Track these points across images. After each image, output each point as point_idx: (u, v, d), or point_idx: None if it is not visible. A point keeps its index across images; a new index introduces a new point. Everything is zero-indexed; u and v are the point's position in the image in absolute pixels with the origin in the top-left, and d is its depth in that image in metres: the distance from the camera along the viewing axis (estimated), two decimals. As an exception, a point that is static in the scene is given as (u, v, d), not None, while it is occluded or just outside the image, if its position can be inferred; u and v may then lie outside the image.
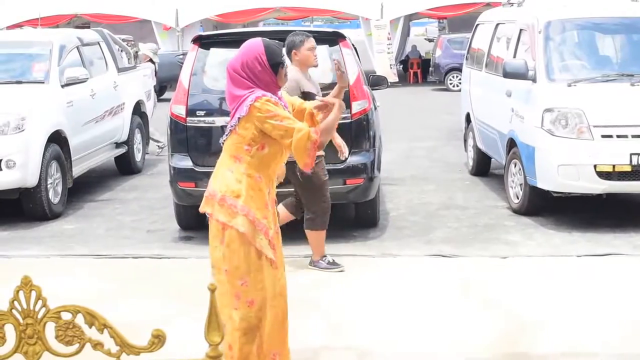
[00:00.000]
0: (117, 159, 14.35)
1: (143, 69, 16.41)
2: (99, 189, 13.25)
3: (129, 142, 14.37)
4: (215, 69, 9.77)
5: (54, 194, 11.32)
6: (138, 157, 14.88)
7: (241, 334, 5.10)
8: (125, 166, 14.56)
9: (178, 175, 9.47)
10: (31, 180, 10.78)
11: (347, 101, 9.36)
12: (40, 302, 2.62)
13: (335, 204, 10.37)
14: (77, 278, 8.40)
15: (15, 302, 2.62)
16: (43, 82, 12.04)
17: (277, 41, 5.33)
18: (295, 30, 8.84)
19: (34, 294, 2.62)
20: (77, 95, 12.41)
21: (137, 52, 18.36)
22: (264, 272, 5.11)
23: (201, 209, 5.20)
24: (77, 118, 12.27)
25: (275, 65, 5.11)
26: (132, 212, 11.49)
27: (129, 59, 16.47)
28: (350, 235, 9.89)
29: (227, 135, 5.13)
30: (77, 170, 12.25)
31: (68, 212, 11.54)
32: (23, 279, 2.62)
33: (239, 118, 5.01)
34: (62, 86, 12.11)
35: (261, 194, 5.11)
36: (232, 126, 5.06)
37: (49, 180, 11.13)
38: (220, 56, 9.77)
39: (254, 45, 5.15)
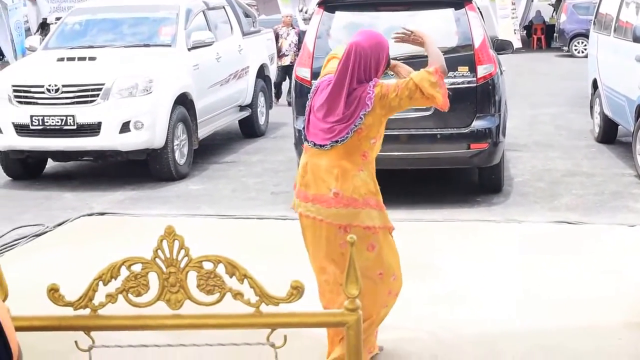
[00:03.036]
0: (241, 121, 14.54)
1: (266, 33, 16.55)
2: (223, 151, 13.47)
3: (252, 105, 14.53)
4: (339, 32, 9.78)
5: (180, 155, 11.54)
6: (262, 120, 15.05)
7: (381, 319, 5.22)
8: (249, 129, 14.74)
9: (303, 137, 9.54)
10: (158, 142, 11.02)
11: (473, 65, 9.29)
12: (182, 252, 2.69)
13: (459, 169, 10.32)
14: (203, 237, 8.55)
15: (159, 251, 2.69)
16: (170, 46, 12.27)
17: None
18: None
19: (176, 243, 2.69)
20: (203, 58, 12.59)
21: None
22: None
23: (320, 215, 4.99)
24: (203, 81, 12.46)
25: (388, 62, 5.11)
26: (256, 174, 11.65)
27: (253, 23, 16.62)
28: (473, 200, 9.83)
29: (348, 136, 4.92)
30: (203, 132, 12.47)
31: (193, 174, 11.77)
32: (167, 228, 2.69)
33: (363, 115, 4.93)
34: (189, 49, 12.30)
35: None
36: (356, 126, 4.89)
37: (176, 142, 11.36)
38: (345, 19, 9.80)
39: (383, 41, 5.07)
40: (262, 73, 15.22)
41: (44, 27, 31.39)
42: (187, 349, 3.05)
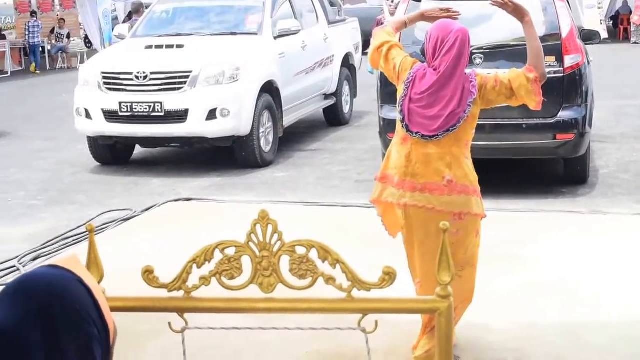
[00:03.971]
0: (326, 110, 14.58)
1: (352, 22, 16.55)
2: (307, 139, 13.53)
3: (337, 93, 14.56)
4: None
5: (265, 142, 11.63)
6: (346, 108, 15.06)
7: None
8: (333, 117, 14.78)
9: (388, 126, 9.54)
10: (244, 129, 11.11)
11: (560, 54, 9.19)
12: (276, 236, 2.72)
13: (544, 159, 10.21)
14: (287, 224, 8.60)
15: (252, 235, 2.73)
16: (256, 34, 12.35)
17: None
18: None
19: (270, 227, 2.72)
20: (289, 46, 12.65)
21: None
22: None
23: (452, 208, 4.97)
24: (289, 69, 12.52)
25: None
26: (340, 163, 11.68)
27: (338, 12, 16.63)
28: (558, 191, 9.72)
29: (459, 124, 4.95)
30: (288, 120, 12.54)
31: (278, 161, 11.86)
32: (260, 212, 2.72)
33: (470, 103, 4.96)
34: (275, 38, 12.38)
35: None
36: (465, 114, 4.94)
37: (261, 129, 11.45)
38: (431, 7, 9.75)
39: (467, 32, 5.09)
40: (347, 62, 15.23)
41: (130, 17, 31.89)
42: (276, 332, 3.08)
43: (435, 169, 4.94)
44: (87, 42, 31.48)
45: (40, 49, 30.98)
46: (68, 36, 31.07)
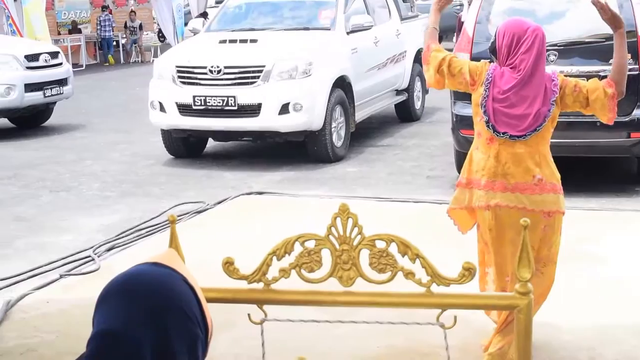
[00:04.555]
0: (397, 106, 14.56)
1: (424, 18, 16.47)
2: (379, 135, 13.54)
3: (409, 89, 14.53)
4: (499, 17, 9.67)
5: (337, 137, 11.66)
6: (417, 104, 15.03)
7: None
8: (405, 113, 14.76)
9: (460, 122, 9.50)
10: (316, 124, 11.16)
11: (635, 52, 9.06)
12: (356, 229, 2.74)
13: (617, 158, 10.08)
14: (359, 219, 8.62)
15: (333, 228, 2.75)
16: (329, 29, 12.38)
17: None
18: None
19: (350, 221, 2.74)
20: (362, 42, 12.66)
21: None
22: None
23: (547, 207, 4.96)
24: (361, 64, 12.52)
25: None
26: (412, 158, 11.66)
27: (411, 8, 16.59)
28: (632, 190, 9.61)
29: (544, 123, 4.91)
30: (360, 115, 12.55)
31: (350, 156, 11.88)
32: (341, 206, 2.74)
33: (553, 102, 4.91)
34: (347, 33, 12.39)
35: None
36: (550, 112, 4.90)
37: (333, 124, 11.48)
38: (505, 5, 9.69)
39: (542, 29, 5.05)
40: (418, 58, 15.15)
41: (205, 16, 32.16)
42: (348, 327, 3.10)
43: (525, 169, 4.90)
44: (161, 36, 31.80)
45: (114, 43, 31.41)
46: (140, 27, 31.44)
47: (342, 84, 11.84)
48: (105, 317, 1.69)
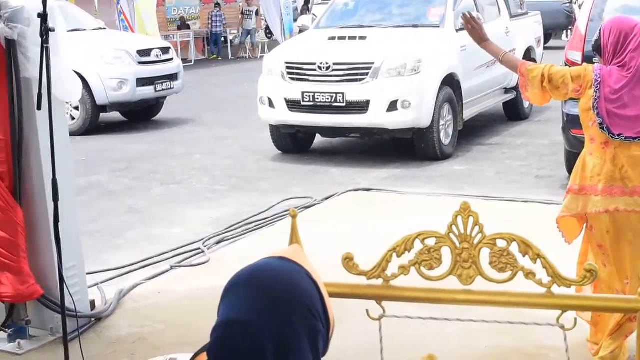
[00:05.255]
0: (505, 104, 14.42)
1: (534, 16, 16.30)
2: (487, 133, 13.43)
3: (517, 87, 14.33)
4: (612, 15, 9.51)
5: (445, 135, 11.62)
6: (526, 103, 14.84)
7: None
8: (513, 112, 14.61)
9: (571, 122, 9.36)
10: (424, 121, 11.13)
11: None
12: (477, 228, 2.74)
13: None
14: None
15: (453, 227, 2.75)
16: (438, 26, 12.32)
17: None
18: None
19: (471, 219, 2.74)
20: (470, 40, 12.52)
21: None
22: None
23: None
24: (470, 62, 12.43)
25: None
26: (520, 157, 11.55)
27: (520, 6, 16.40)
28: None
29: None
30: (467, 113, 12.48)
31: (457, 154, 11.82)
32: (462, 204, 2.74)
33: None
34: (457, 30, 12.30)
35: None
36: None
37: (441, 122, 11.44)
38: (619, 2, 9.52)
39: None
40: (528, 56, 14.99)
41: (307, 2, 32.41)
42: (456, 325, 3.10)
43: None
44: (268, 32, 32.08)
45: (222, 39, 31.82)
46: (257, 13, 31.80)
47: (450, 81, 11.79)
48: (231, 307, 1.73)
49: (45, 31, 4.65)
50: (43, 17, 4.65)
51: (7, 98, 5.38)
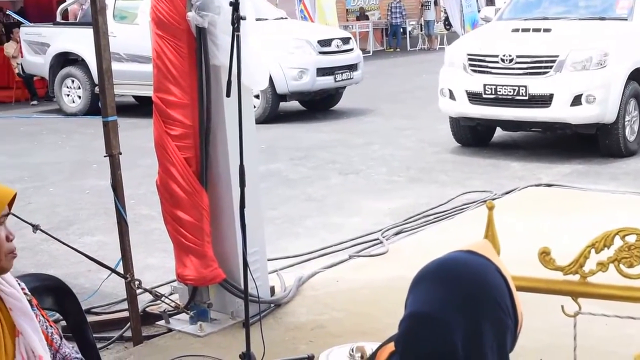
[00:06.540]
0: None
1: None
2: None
3: None
4: None
5: (630, 131, 11.28)
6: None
7: None
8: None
9: None
10: (609, 117, 10.84)
11: None
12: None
13: None
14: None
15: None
16: (626, 19, 11.95)
17: None
18: None
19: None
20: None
21: None
22: None
23: None
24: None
25: None
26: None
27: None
28: None
29: None
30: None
31: (644, 151, 11.46)
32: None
33: None
34: (646, 23, 11.92)
35: None
36: None
37: (627, 118, 11.12)
38: None
39: None
40: None
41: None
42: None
43: None
44: (447, 24, 31.92)
45: (401, 30, 31.83)
46: (436, 3, 31.76)
47: (637, 76, 11.40)
48: (419, 300, 1.74)
49: (236, 19, 4.73)
50: (235, 5, 4.72)
51: (197, 85, 5.51)
